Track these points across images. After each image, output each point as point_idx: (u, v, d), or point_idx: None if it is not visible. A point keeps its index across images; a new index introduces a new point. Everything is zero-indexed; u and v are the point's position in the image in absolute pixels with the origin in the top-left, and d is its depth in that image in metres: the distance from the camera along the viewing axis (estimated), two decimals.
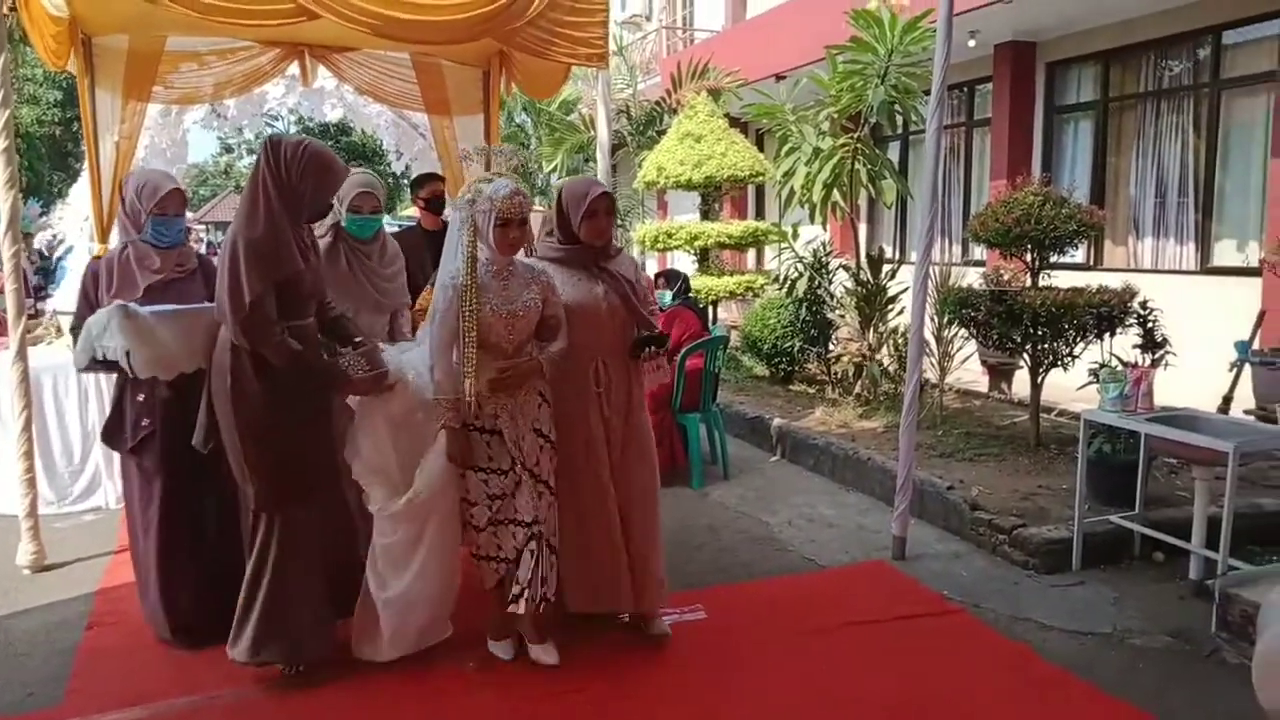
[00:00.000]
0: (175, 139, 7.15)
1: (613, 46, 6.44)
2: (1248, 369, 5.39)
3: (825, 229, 8.44)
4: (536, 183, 14.54)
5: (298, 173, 2.86)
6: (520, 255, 3.13)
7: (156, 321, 3.11)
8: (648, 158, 9.43)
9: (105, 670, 3.17)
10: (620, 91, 11.33)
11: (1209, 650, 3.23)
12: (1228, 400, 5.30)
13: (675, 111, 10.28)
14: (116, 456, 3.44)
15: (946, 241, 10.42)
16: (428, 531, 3.05)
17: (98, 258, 3.42)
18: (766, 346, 7.50)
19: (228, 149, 32.66)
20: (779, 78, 10.21)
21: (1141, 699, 2.92)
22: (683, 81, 10.70)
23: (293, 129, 32.60)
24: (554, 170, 13.54)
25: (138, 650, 3.29)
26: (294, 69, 5.38)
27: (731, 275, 9.07)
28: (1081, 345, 4.92)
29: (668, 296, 5.80)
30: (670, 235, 8.83)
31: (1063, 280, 5.22)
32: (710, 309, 8.72)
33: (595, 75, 5.19)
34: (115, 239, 3.85)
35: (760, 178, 9.02)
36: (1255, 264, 6.84)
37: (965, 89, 10.19)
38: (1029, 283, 5.18)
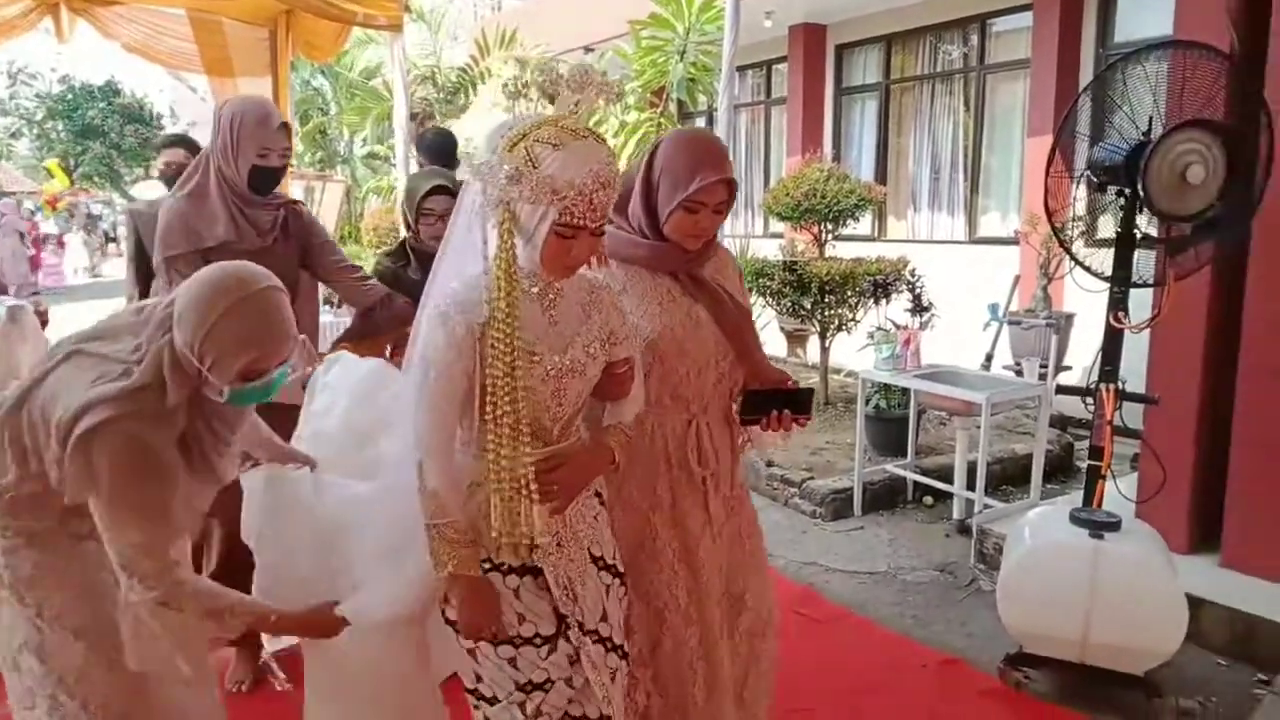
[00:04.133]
0: None
1: (413, 11, 6.26)
2: (1008, 327, 6.00)
3: None
4: (338, 149, 13.87)
5: (217, 130, 2.54)
6: None
7: None
8: (455, 127, 9.25)
9: None
10: (425, 58, 11.01)
11: (968, 580, 3.62)
12: (989, 357, 5.88)
13: (482, 80, 10.12)
14: None
15: (749, 215, 10.88)
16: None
17: None
18: None
19: None
20: (587, 50, 10.26)
21: (909, 627, 3.24)
22: (490, 50, 10.55)
23: (56, 87, 29.48)
24: (364, 140, 12.97)
25: None
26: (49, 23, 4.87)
27: None
28: (862, 311, 5.31)
29: None
30: None
31: (851, 251, 5.61)
32: None
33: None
34: None
35: None
36: (1013, 234, 7.59)
37: (764, 68, 10.62)
38: (818, 254, 5.54)
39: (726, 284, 1.96)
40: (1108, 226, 2.84)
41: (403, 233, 3.02)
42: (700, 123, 11.28)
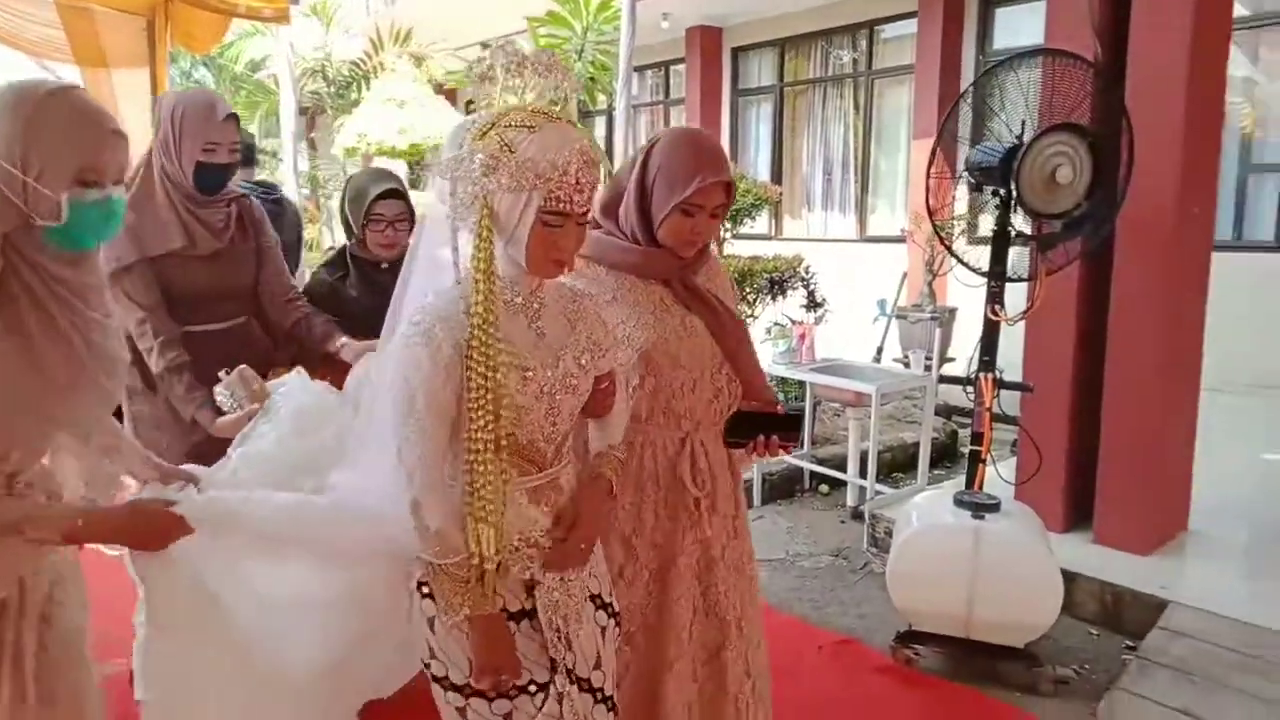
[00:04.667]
0: None
1: (302, 3, 6.10)
2: (896, 321, 6.25)
3: None
4: None
5: (158, 125, 2.26)
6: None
7: None
8: (347, 123, 9.03)
9: None
10: (316, 51, 10.69)
11: (861, 564, 3.76)
12: (880, 350, 6.10)
13: (375, 74, 9.91)
14: None
15: None
16: None
17: None
18: None
19: None
20: (484, 46, 10.14)
21: (806, 611, 3.35)
22: (384, 45, 10.31)
23: None
24: (252, 136, 12.49)
25: None
26: None
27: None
28: (760, 307, 5.44)
29: None
30: None
31: (749, 250, 5.74)
32: None
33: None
34: None
35: None
36: (900, 232, 7.90)
37: (662, 69, 10.73)
38: (717, 252, 5.65)
39: (719, 293, 1.86)
40: (987, 225, 2.99)
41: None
42: (599, 122, 11.31)
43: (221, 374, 2.06)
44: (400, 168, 9.11)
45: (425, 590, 1.48)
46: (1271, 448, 4.73)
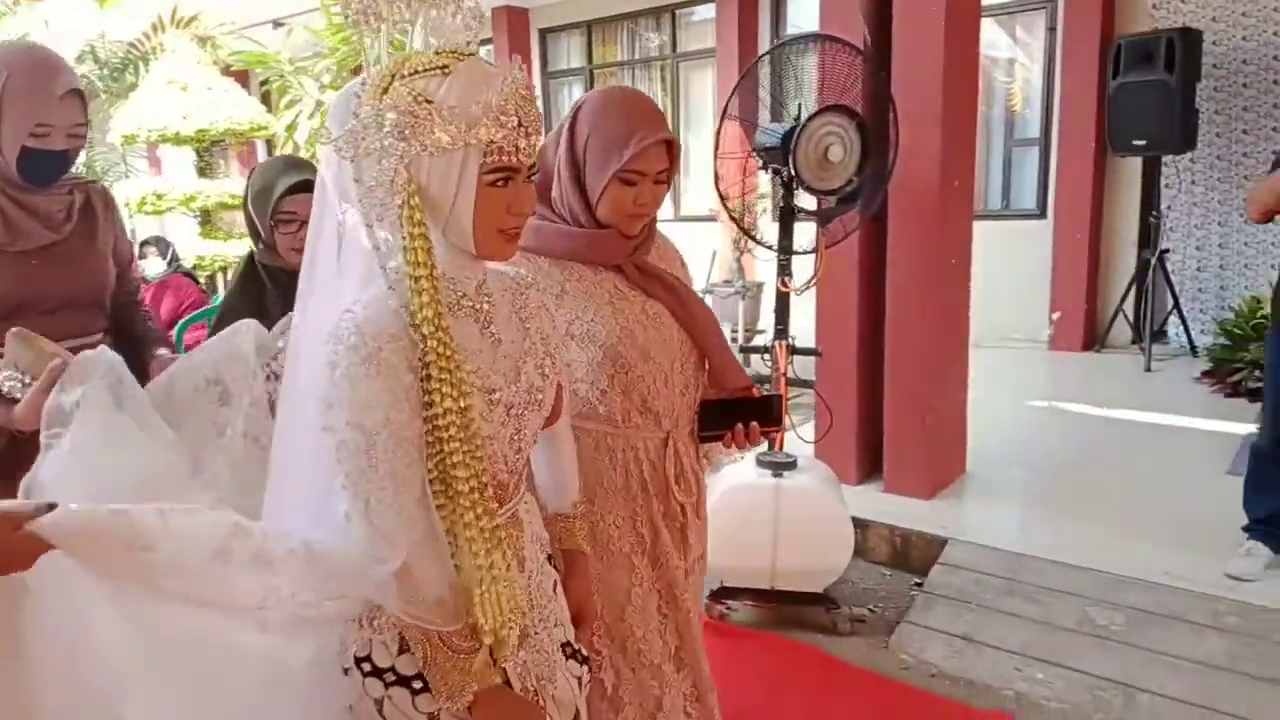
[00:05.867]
0: None
1: None
2: (707, 297, 6.49)
3: None
4: None
5: None
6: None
7: None
8: (124, 108, 8.35)
9: None
10: (87, 29, 9.79)
11: None
12: None
13: (155, 56, 9.21)
14: None
15: None
16: None
17: None
18: None
19: None
20: (276, 24, 9.67)
21: None
22: (165, 27, 9.59)
23: None
24: None
25: None
26: None
27: (244, 238, 8.48)
28: None
29: (160, 264, 5.34)
30: (161, 197, 7.98)
31: None
32: (219, 276, 8.09)
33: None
34: None
35: (265, 131, 8.50)
36: (709, 212, 8.19)
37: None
38: None
39: (675, 272, 1.68)
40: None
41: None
42: None
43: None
44: (187, 155, 8.54)
45: (368, 668, 1.18)
46: (1035, 396, 5.29)
